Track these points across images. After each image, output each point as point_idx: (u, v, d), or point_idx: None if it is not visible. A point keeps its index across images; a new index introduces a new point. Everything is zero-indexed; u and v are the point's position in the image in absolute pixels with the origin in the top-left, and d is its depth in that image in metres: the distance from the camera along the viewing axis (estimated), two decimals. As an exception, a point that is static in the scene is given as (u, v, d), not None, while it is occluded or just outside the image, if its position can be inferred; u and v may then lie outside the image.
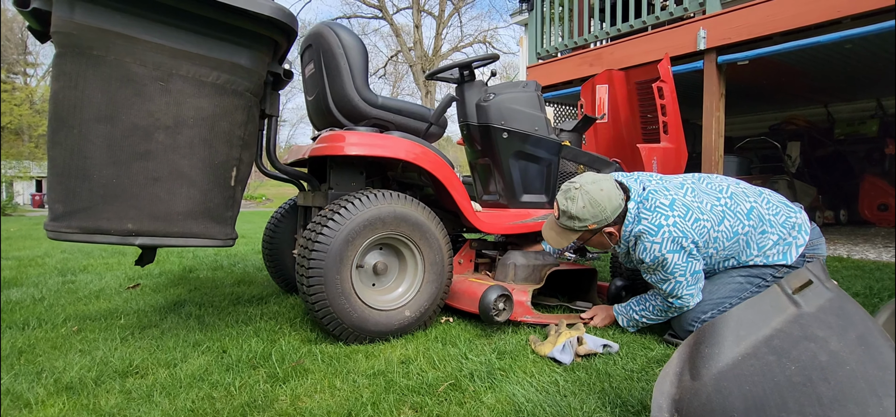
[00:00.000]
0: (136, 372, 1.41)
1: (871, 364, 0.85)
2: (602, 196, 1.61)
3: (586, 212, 1.61)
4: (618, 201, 1.63)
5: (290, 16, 1.45)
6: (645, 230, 1.61)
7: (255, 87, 1.50)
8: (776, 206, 1.72)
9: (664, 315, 1.72)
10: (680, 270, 1.60)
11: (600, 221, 1.62)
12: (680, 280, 1.62)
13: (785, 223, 1.69)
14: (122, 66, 1.29)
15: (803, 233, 1.69)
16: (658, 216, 1.60)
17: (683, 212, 1.60)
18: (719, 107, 4.35)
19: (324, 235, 1.63)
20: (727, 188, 1.71)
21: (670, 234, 1.58)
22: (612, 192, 1.63)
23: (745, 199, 1.69)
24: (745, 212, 1.66)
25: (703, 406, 0.93)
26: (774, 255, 1.67)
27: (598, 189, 1.62)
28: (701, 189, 1.69)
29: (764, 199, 1.72)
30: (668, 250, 1.58)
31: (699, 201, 1.64)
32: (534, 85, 2.40)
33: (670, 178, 1.78)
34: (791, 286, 1.04)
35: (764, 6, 3.94)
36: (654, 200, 1.64)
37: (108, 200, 1.31)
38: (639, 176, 1.78)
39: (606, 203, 1.61)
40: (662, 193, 1.65)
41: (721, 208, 1.64)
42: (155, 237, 1.37)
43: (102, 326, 1.87)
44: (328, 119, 2.05)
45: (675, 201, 1.62)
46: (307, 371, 1.40)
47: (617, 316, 1.85)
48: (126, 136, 1.31)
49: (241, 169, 1.52)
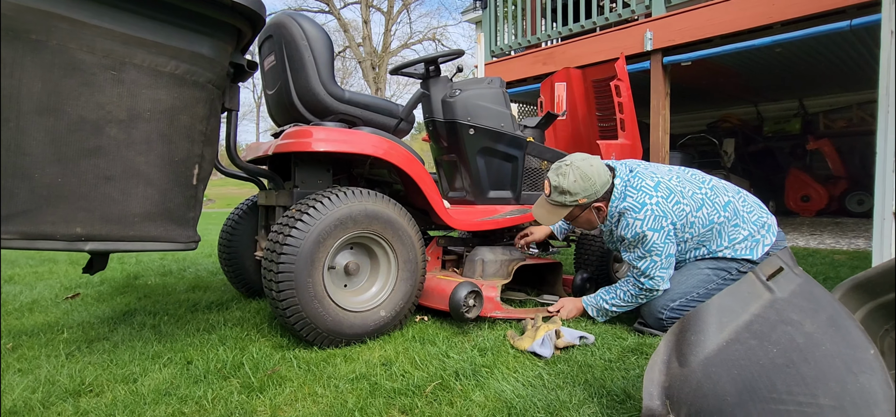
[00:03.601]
0: (90, 391, 1.28)
1: (843, 344, 0.91)
2: (592, 171, 1.69)
3: (577, 186, 1.68)
4: (606, 176, 1.72)
5: (257, 2, 1.36)
6: (629, 207, 1.70)
7: (217, 78, 1.40)
8: (751, 205, 1.82)
9: (634, 301, 1.78)
10: (657, 249, 1.68)
11: (590, 195, 1.70)
12: (655, 260, 1.69)
13: (756, 221, 1.79)
14: (65, 52, 1.16)
15: (771, 234, 1.80)
16: (643, 195, 1.69)
17: (666, 194, 1.69)
18: (665, 105, 4.57)
19: (293, 236, 1.55)
20: (709, 181, 1.81)
21: (653, 212, 1.66)
22: (600, 167, 1.72)
23: (725, 193, 1.79)
24: (723, 204, 1.75)
25: (693, 391, 0.96)
26: (743, 249, 1.77)
27: (588, 164, 1.70)
28: (685, 178, 1.79)
29: (741, 197, 1.83)
30: (650, 228, 1.66)
31: (682, 187, 1.73)
32: (498, 81, 2.41)
33: (658, 165, 1.87)
34: (764, 273, 1.09)
35: (705, 10, 4.18)
36: (641, 180, 1.72)
37: (53, 201, 1.17)
38: (626, 161, 1.87)
39: (596, 177, 1.70)
40: (649, 175, 1.73)
41: (701, 196, 1.73)
42: (108, 242, 1.24)
43: (42, 341, 1.69)
44: (291, 114, 1.96)
45: (660, 183, 1.71)
46: (284, 379, 1.32)
47: (586, 307, 1.88)
48: (72, 130, 1.18)
49: (204, 167, 1.41)
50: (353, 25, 23.51)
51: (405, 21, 33.71)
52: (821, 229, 5.07)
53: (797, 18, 3.74)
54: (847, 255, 3.36)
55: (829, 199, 6.49)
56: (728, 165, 6.51)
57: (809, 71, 5.45)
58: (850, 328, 0.94)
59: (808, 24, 3.75)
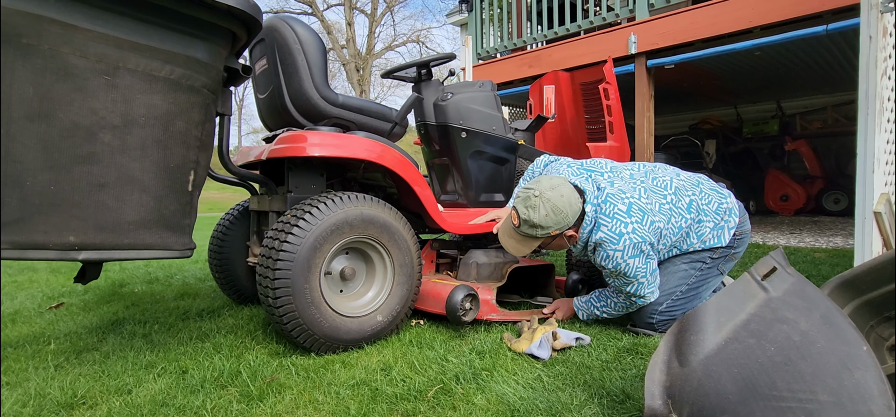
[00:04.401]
0: (83, 403, 1.25)
1: (838, 341, 0.94)
2: (563, 203, 1.61)
3: (549, 220, 1.60)
4: (577, 204, 1.65)
5: (253, 7, 1.34)
6: (606, 239, 1.64)
7: (212, 83, 1.38)
8: (708, 195, 1.81)
9: (624, 311, 1.80)
10: (642, 272, 1.66)
11: (563, 227, 1.63)
12: (642, 281, 1.68)
13: (718, 210, 1.80)
14: (58, 57, 1.13)
15: (734, 216, 1.82)
16: (617, 224, 1.63)
17: (640, 217, 1.64)
18: (649, 107, 4.64)
19: (289, 242, 1.54)
20: (671, 184, 1.78)
21: (631, 241, 1.61)
22: (571, 196, 1.64)
23: (685, 193, 1.77)
24: (686, 206, 1.75)
25: (695, 390, 0.98)
26: (711, 239, 1.79)
27: (559, 196, 1.61)
28: (651, 188, 1.74)
29: (700, 190, 1.81)
30: (630, 256, 1.62)
31: (651, 202, 1.69)
32: (490, 85, 2.42)
33: (620, 169, 1.82)
34: (759, 273, 1.12)
35: (687, 15, 4.26)
36: (612, 206, 1.65)
37: (46, 210, 1.15)
38: (590, 172, 1.81)
39: (568, 209, 1.61)
40: (619, 198, 1.67)
41: (668, 207, 1.71)
42: (102, 251, 1.22)
43: (28, 353, 1.64)
44: (284, 118, 1.94)
45: (632, 205, 1.65)
46: (284, 387, 1.31)
47: (577, 311, 1.89)
48: (65, 136, 1.15)
49: (199, 172, 1.39)
50: (336, 27, 23.38)
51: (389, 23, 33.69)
52: (800, 227, 5.21)
53: (776, 23, 3.84)
54: (827, 252, 3.46)
55: (806, 198, 6.67)
56: (709, 165, 6.65)
57: (787, 73, 5.60)
58: (843, 326, 0.97)
59: (786, 28, 3.85)
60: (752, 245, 3.99)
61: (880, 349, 1.26)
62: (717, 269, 1.82)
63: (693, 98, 6.91)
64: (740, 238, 1.84)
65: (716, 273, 1.82)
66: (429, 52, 24.06)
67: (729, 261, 1.85)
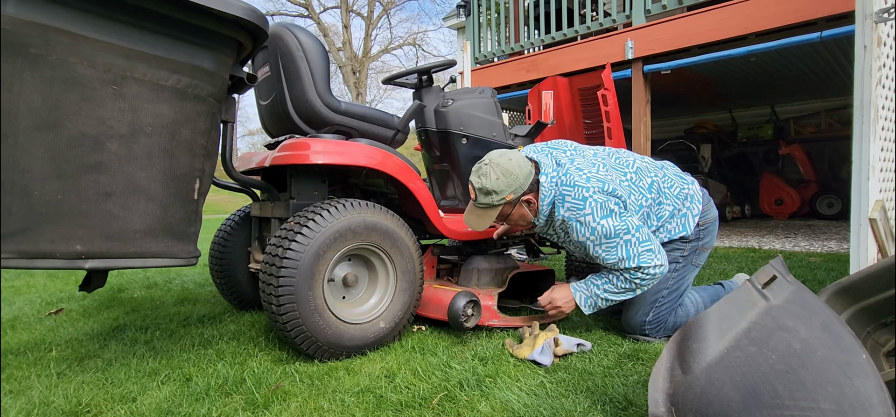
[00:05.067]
0: (88, 411, 1.25)
1: (837, 349, 0.96)
2: (512, 165, 1.64)
3: (501, 183, 1.62)
4: (527, 167, 1.67)
5: (260, 17, 1.35)
6: (572, 207, 1.63)
7: (218, 92, 1.39)
8: (671, 179, 1.79)
9: (628, 291, 1.67)
10: (623, 228, 1.60)
11: (516, 189, 1.64)
12: (629, 239, 1.60)
13: (679, 195, 1.78)
14: (66, 66, 1.14)
15: (696, 203, 1.79)
16: (579, 191, 1.63)
17: (600, 185, 1.63)
18: (646, 112, 4.68)
19: (293, 249, 1.54)
20: (633, 163, 1.76)
21: (596, 201, 1.60)
22: (520, 159, 1.67)
23: (648, 173, 1.75)
24: (647, 186, 1.72)
25: (698, 398, 1.00)
26: (674, 228, 1.77)
27: (507, 160, 1.65)
28: (611, 165, 1.73)
29: (663, 172, 1.80)
30: (602, 216, 1.60)
31: (610, 176, 1.67)
32: (490, 91, 2.44)
33: (582, 149, 1.80)
34: (760, 281, 1.14)
35: (683, 21, 4.30)
36: (571, 177, 1.66)
37: (53, 219, 1.15)
38: (552, 149, 1.79)
39: (518, 171, 1.63)
40: (577, 172, 1.66)
41: (628, 184, 1.69)
42: (109, 260, 1.22)
43: (29, 360, 1.64)
44: (286, 125, 1.95)
45: (591, 177, 1.65)
46: (289, 394, 1.32)
47: (575, 294, 1.76)
48: (73, 146, 1.16)
49: (204, 181, 1.39)
50: (332, 30, 23.38)
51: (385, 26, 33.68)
52: (794, 231, 5.26)
53: (771, 29, 3.89)
54: (822, 257, 3.49)
55: (800, 202, 6.73)
56: (705, 169, 6.70)
57: (781, 79, 5.66)
58: (842, 334, 0.99)
59: (781, 35, 3.90)
60: (748, 250, 4.03)
61: (877, 354, 1.28)
62: (691, 263, 1.81)
63: (688, 102, 6.97)
64: (706, 228, 1.82)
65: (691, 267, 1.82)
66: (425, 55, 24.10)
67: (701, 253, 1.83)
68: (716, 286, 2.02)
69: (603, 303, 1.72)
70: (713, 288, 1.99)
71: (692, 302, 1.86)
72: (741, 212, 7.07)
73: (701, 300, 1.89)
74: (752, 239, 4.69)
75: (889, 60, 1.99)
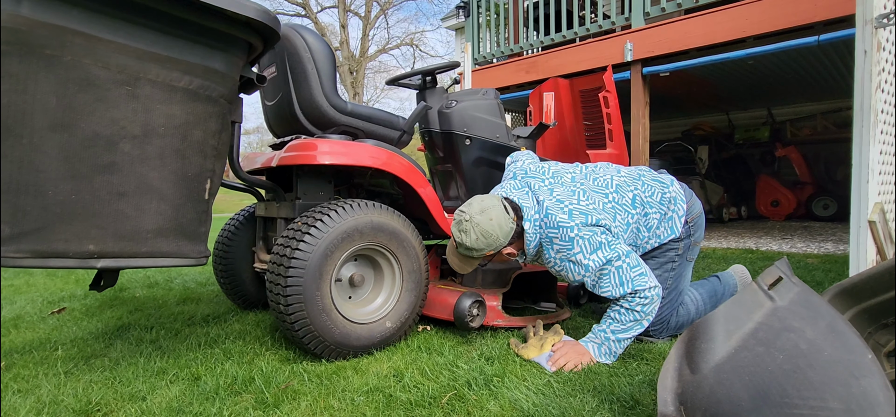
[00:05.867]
0: (98, 410, 1.26)
1: (843, 349, 0.98)
2: (491, 226, 1.60)
3: (480, 243, 1.61)
4: (508, 226, 1.63)
5: (272, 18, 1.36)
6: (562, 248, 1.62)
7: (229, 93, 1.39)
8: (650, 186, 1.77)
9: (637, 322, 1.60)
10: (614, 256, 1.58)
11: (495, 247, 1.63)
12: (620, 265, 1.58)
13: (662, 200, 1.77)
14: (80, 67, 1.15)
15: (680, 203, 1.79)
16: (565, 232, 1.61)
17: (584, 219, 1.61)
18: (645, 114, 4.71)
19: (301, 249, 1.55)
20: (612, 181, 1.75)
21: (583, 239, 1.59)
22: (501, 218, 1.62)
23: (627, 188, 1.74)
24: (630, 201, 1.71)
25: (707, 397, 1.01)
26: (663, 233, 1.77)
27: (488, 220, 1.61)
28: (591, 188, 1.71)
29: (641, 183, 1.78)
30: (592, 252, 1.59)
31: (593, 202, 1.66)
32: (493, 93, 2.46)
33: (561, 174, 1.79)
34: (765, 283, 1.16)
35: (682, 24, 4.33)
36: (554, 217, 1.64)
37: (66, 219, 1.15)
38: (531, 181, 1.77)
39: (497, 232, 1.61)
40: (558, 208, 1.65)
41: (611, 205, 1.68)
42: (121, 259, 1.23)
43: (36, 359, 1.64)
44: (293, 126, 1.96)
45: (572, 212, 1.63)
46: (299, 394, 1.33)
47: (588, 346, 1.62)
48: (86, 146, 1.17)
49: (214, 181, 1.40)
50: (330, 29, 23.34)
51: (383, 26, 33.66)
52: (791, 233, 5.30)
53: (769, 33, 3.92)
54: (819, 258, 3.53)
55: (796, 203, 6.79)
56: (702, 171, 6.74)
57: (778, 82, 5.70)
58: (848, 334, 1.00)
59: (779, 38, 3.93)
60: (745, 251, 4.06)
61: (878, 355, 1.31)
62: (686, 259, 1.83)
63: (686, 105, 7.01)
64: (694, 223, 1.83)
65: (686, 263, 1.84)
66: (422, 55, 24.10)
67: (693, 248, 1.84)
68: (711, 279, 2.05)
69: (617, 345, 1.61)
70: (709, 283, 2.02)
71: (692, 301, 1.89)
72: (738, 213, 7.12)
73: (700, 298, 1.92)
74: (750, 240, 4.73)
75: (888, 64, 2.02)
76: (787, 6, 3.78)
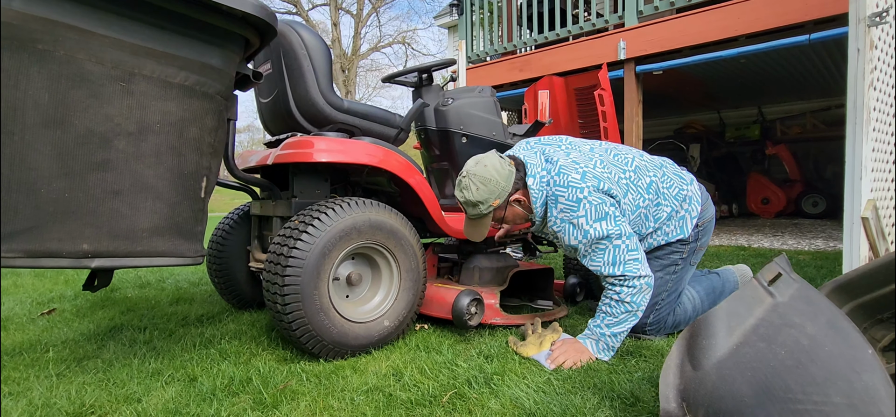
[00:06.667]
0: (93, 412, 1.23)
1: (844, 344, 0.98)
2: (488, 172, 1.61)
3: (482, 193, 1.60)
4: (506, 168, 1.63)
5: (269, 14, 1.34)
6: (566, 208, 1.59)
7: (225, 89, 1.37)
8: (670, 179, 1.76)
9: (631, 312, 1.58)
10: (616, 232, 1.56)
11: (499, 193, 1.62)
12: (618, 244, 1.56)
13: (677, 196, 1.75)
14: (73, 63, 1.12)
15: (695, 204, 1.77)
16: (573, 192, 1.58)
17: (596, 183, 1.59)
18: (638, 112, 4.73)
19: (298, 248, 1.54)
20: (632, 161, 1.72)
21: (591, 203, 1.56)
22: (495, 163, 1.63)
23: (646, 172, 1.72)
24: (646, 186, 1.69)
25: (709, 393, 1.02)
26: (671, 231, 1.76)
27: (483, 168, 1.62)
28: (609, 160, 1.69)
29: (662, 172, 1.76)
30: (595, 219, 1.56)
31: (608, 172, 1.64)
32: (489, 91, 2.45)
33: (578, 144, 1.76)
34: (765, 279, 1.17)
35: (675, 22, 4.36)
36: (565, 176, 1.60)
37: (59, 217, 1.13)
38: (544, 146, 1.74)
39: (495, 175, 1.61)
40: (572, 168, 1.61)
41: (626, 181, 1.66)
42: (115, 258, 1.21)
43: (26, 361, 1.60)
44: (288, 123, 1.94)
45: (586, 173, 1.60)
46: (297, 394, 1.31)
47: (586, 343, 1.61)
48: (80, 143, 1.14)
49: (211, 179, 1.38)
50: (321, 27, 23.23)
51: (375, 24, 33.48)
52: (781, 230, 5.36)
53: (761, 32, 3.96)
54: (810, 255, 3.57)
55: (786, 201, 6.86)
56: (694, 169, 6.79)
57: (769, 80, 5.76)
58: (848, 330, 1.01)
59: (770, 37, 3.97)
60: (737, 248, 4.10)
61: (874, 349, 1.32)
62: (689, 263, 1.82)
63: (678, 103, 7.05)
64: (704, 228, 1.81)
65: (689, 267, 1.82)
66: (415, 53, 24.04)
67: (697, 253, 1.83)
68: (710, 275, 2.04)
69: (613, 339, 1.58)
70: (707, 279, 2.00)
71: (689, 299, 1.88)
72: (729, 211, 7.19)
73: (698, 297, 1.92)
74: (741, 237, 4.78)
75: (881, 62, 2.04)
76: (778, 5, 3.81)
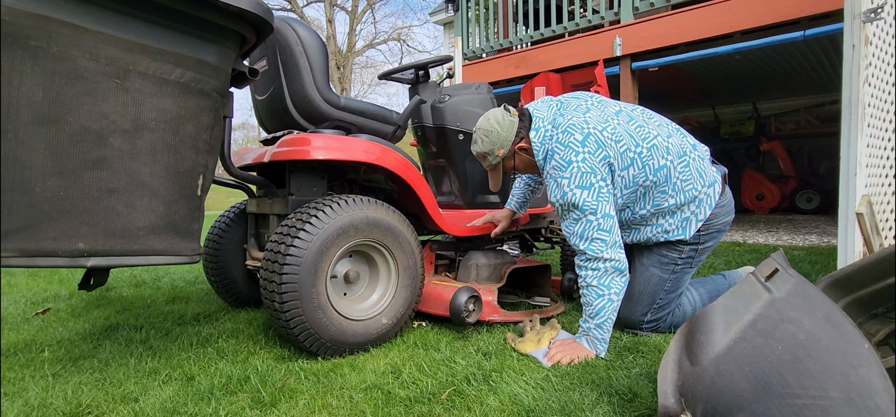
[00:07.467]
0: (90, 412, 1.23)
1: (841, 339, 0.99)
2: (490, 124, 1.75)
3: (487, 144, 1.76)
4: (507, 120, 1.75)
5: (265, 9, 1.33)
6: (556, 166, 1.61)
7: (221, 86, 1.36)
8: (690, 173, 1.69)
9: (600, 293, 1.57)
10: (592, 208, 1.56)
11: (502, 143, 1.74)
12: (591, 220, 1.57)
13: (688, 193, 1.69)
14: (67, 59, 1.11)
15: (704, 208, 1.72)
16: (569, 152, 1.58)
17: (594, 148, 1.57)
18: (634, 109, 4.74)
19: (296, 246, 1.53)
20: (651, 139, 1.64)
21: (579, 170, 1.56)
22: (498, 116, 1.76)
23: (664, 156, 1.65)
24: (656, 167, 1.64)
25: (707, 388, 1.02)
26: (673, 229, 1.73)
27: (486, 120, 1.78)
28: (625, 129, 1.63)
29: (684, 163, 1.68)
30: (577, 186, 1.56)
31: (617, 136, 1.60)
32: (486, 87, 2.45)
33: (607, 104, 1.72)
34: (762, 274, 1.17)
35: (670, 19, 4.36)
36: (569, 136, 1.60)
37: (55, 216, 1.12)
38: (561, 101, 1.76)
39: (497, 126, 1.74)
40: (580, 128, 1.60)
41: (632, 155, 1.61)
42: (112, 257, 1.20)
43: (21, 361, 1.59)
44: (284, 120, 1.93)
45: (590, 136, 1.58)
46: (296, 392, 1.31)
47: (580, 340, 1.61)
48: (75, 141, 1.13)
49: (207, 177, 1.37)
50: (316, 24, 23.08)
51: (370, 20, 33.37)
52: (776, 226, 5.39)
53: (756, 28, 3.97)
54: (804, 250, 3.59)
55: (780, 197, 6.91)
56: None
57: (764, 77, 5.78)
58: (844, 325, 1.02)
59: (765, 33, 3.98)
60: (733, 244, 4.12)
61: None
62: (689, 265, 1.80)
63: (672, 99, 7.07)
64: (709, 233, 1.77)
65: (689, 269, 1.80)
66: (410, 50, 23.97)
67: (700, 256, 1.80)
68: (716, 277, 2.04)
69: (599, 331, 1.58)
70: (713, 281, 2.00)
71: (690, 301, 1.88)
72: (726, 207, 7.21)
73: (699, 298, 1.91)
74: (736, 233, 4.80)
75: (876, 59, 2.06)
76: (773, 2, 3.82)
